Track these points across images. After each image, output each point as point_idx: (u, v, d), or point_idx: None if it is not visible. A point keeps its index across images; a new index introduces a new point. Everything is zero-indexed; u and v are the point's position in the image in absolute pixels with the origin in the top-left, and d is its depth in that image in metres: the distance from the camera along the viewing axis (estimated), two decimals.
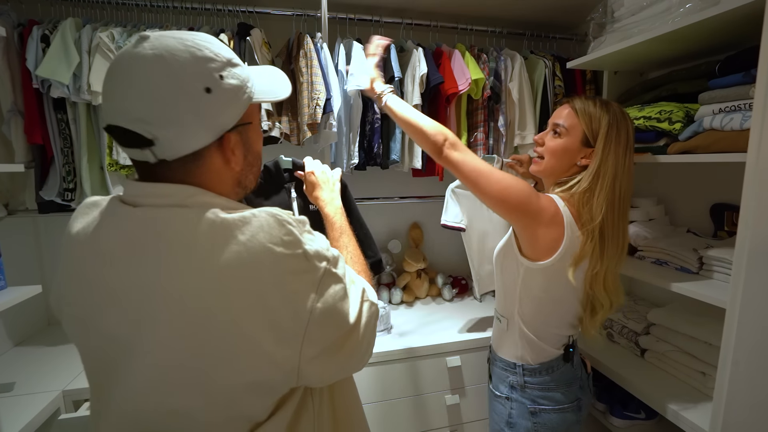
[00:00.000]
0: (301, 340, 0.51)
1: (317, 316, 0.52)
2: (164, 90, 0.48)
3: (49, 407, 1.09)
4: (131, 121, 0.48)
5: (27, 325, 1.51)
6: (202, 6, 1.43)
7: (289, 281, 0.50)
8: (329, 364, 0.55)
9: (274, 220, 0.51)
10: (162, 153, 0.50)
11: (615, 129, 0.92)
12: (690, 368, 1.14)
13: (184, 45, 0.50)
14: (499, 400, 1.05)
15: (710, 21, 0.94)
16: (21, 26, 1.26)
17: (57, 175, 1.30)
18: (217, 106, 0.52)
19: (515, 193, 0.88)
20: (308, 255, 0.52)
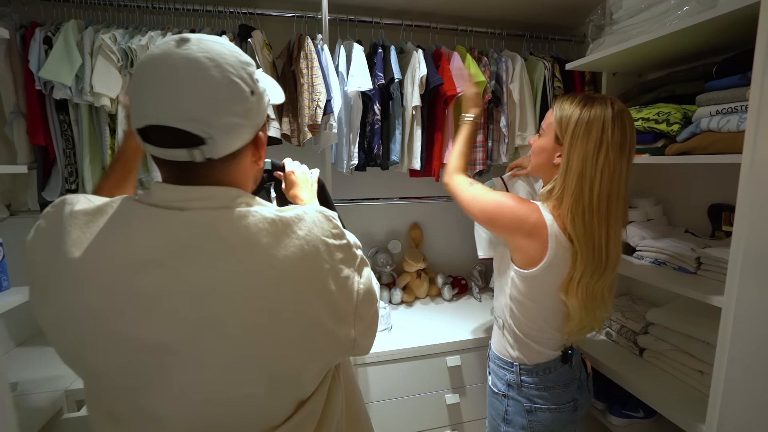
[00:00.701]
0: (353, 318, 0.59)
1: (362, 295, 0.60)
2: (221, 91, 0.50)
3: (52, 407, 1.10)
4: (187, 121, 0.49)
5: (30, 326, 1.51)
6: (204, 8, 1.43)
7: (341, 268, 0.58)
8: (371, 334, 0.64)
9: (323, 216, 0.58)
10: (211, 152, 0.51)
11: (584, 125, 0.86)
12: (688, 367, 1.15)
13: (227, 49, 0.52)
14: (497, 397, 1.06)
15: (707, 24, 0.95)
16: (23, 28, 1.27)
17: (59, 176, 1.31)
18: (258, 106, 0.56)
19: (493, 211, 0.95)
20: (351, 244, 0.61)
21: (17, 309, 1.10)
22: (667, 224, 1.44)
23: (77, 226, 0.51)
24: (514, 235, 0.93)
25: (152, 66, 0.50)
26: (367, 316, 0.62)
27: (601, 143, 0.86)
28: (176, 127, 0.48)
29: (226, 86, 0.50)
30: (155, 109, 0.49)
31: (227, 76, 0.50)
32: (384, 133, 1.55)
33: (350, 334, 0.59)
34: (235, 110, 0.52)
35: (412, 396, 1.45)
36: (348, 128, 1.50)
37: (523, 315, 0.98)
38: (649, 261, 1.26)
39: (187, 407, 0.51)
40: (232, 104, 0.51)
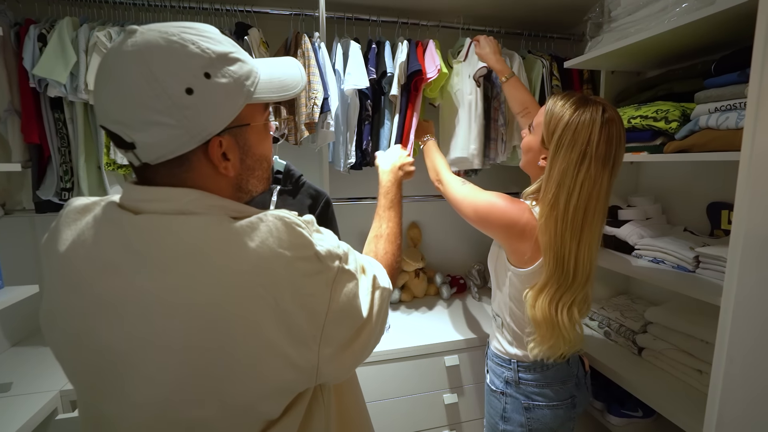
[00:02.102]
0: (319, 341, 0.51)
1: (333, 315, 0.51)
2: (140, 90, 0.45)
3: (47, 407, 1.09)
4: (112, 123, 0.47)
5: (25, 325, 1.50)
6: (200, 5, 1.43)
7: (303, 284, 0.49)
8: (345, 359, 0.54)
9: (282, 223, 0.50)
10: (143, 156, 0.48)
11: (570, 133, 0.84)
12: (687, 366, 1.14)
13: (166, 40, 0.46)
14: (495, 394, 1.07)
15: (706, 20, 0.94)
16: (18, 25, 1.26)
17: (54, 174, 1.30)
18: (201, 107, 0.48)
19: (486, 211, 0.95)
20: (320, 256, 0.51)
21: (12, 308, 1.09)
22: (666, 223, 1.44)
23: (67, 224, 0.52)
24: (507, 235, 0.94)
25: (99, 63, 0.49)
26: (339, 338, 0.53)
27: (584, 155, 0.83)
28: (107, 128, 0.48)
29: (147, 85, 0.45)
30: (96, 108, 0.50)
31: (150, 72, 0.45)
32: (374, 128, 1.55)
33: (311, 361, 0.50)
34: (159, 111, 0.46)
35: (410, 396, 1.44)
36: (345, 126, 1.49)
37: (523, 312, 0.98)
38: (648, 260, 1.25)
39: (139, 421, 0.49)
40: (154, 104, 0.46)
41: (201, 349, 0.46)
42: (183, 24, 0.49)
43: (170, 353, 0.46)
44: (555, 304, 0.89)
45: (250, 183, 0.58)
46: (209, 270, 0.46)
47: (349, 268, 0.55)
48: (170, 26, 0.48)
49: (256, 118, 0.56)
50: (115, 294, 0.47)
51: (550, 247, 0.87)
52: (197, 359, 0.46)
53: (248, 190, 0.59)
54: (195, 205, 0.50)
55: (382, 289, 0.61)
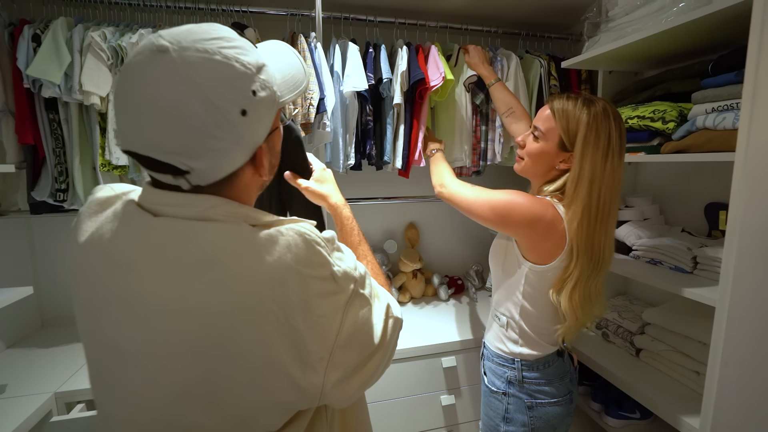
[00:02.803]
0: (326, 365, 0.50)
1: (343, 340, 0.51)
2: (201, 120, 0.44)
3: (41, 409, 1.08)
4: (165, 154, 0.44)
5: (20, 327, 1.49)
6: (196, 5, 1.42)
7: (316, 305, 0.49)
8: (351, 386, 0.53)
9: (302, 239, 0.49)
10: (197, 181, 0.47)
11: (594, 132, 0.88)
12: (684, 368, 1.14)
13: (210, 61, 0.44)
14: (496, 395, 1.05)
15: (703, 20, 0.94)
16: (12, 25, 1.25)
17: (49, 175, 1.29)
18: (254, 125, 0.49)
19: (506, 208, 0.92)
20: (336, 277, 0.51)
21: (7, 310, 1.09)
22: (663, 223, 1.43)
23: (88, 215, 0.52)
24: (530, 231, 0.92)
25: (127, 83, 0.44)
26: (347, 363, 0.52)
27: (608, 150, 0.89)
28: (154, 158, 0.45)
29: (207, 114, 0.44)
30: (131, 137, 0.45)
31: (208, 101, 0.43)
32: (376, 133, 1.54)
33: (316, 384, 0.49)
34: (221, 138, 0.45)
35: (407, 397, 1.44)
36: (344, 128, 1.49)
37: (537, 311, 0.99)
38: (646, 261, 1.24)
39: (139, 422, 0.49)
40: (216, 132, 0.45)
41: (206, 357, 0.46)
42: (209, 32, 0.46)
43: (175, 358, 0.46)
44: (589, 291, 0.93)
45: (267, 181, 0.59)
46: (223, 279, 0.46)
47: (364, 293, 0.55)
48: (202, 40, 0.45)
49: (277, 120, 0.57)
50: (125, 293, 0.47)
51: (584, 242, 0.89)
52: (202, 367, 0.46)
53: (264, 185, 0.60)
54: (215, 212, 0.49)
55: (395, 318, 0.61)
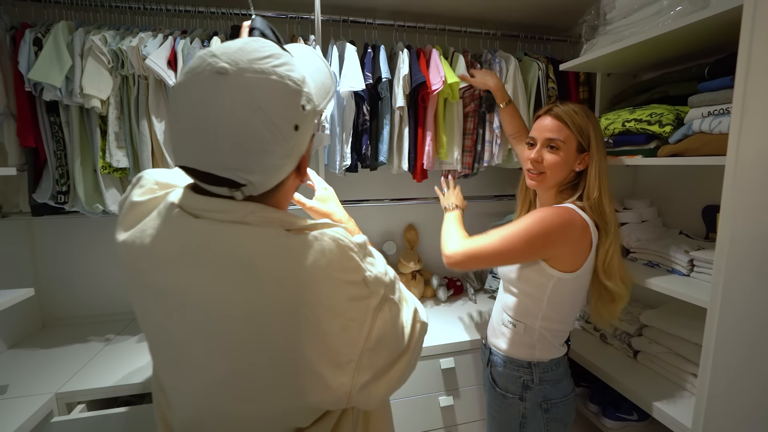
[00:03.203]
0: (355, 366, 0.51)
1: (372, 343, 0.52)
2: (261, 139, 0.47)
3: (42, 410, 1.09)
4: (226, 170, 0.48)
5: (21, 328, 1.51)
6: (196, 8, 1.43)
7: (347, 308, 0.51)
8: (380, 388, 0.55)
9: (336, 245, 0.51)
10: (250, 191, 0.51)
11: (598, 129, 1.00)
12: (681, 370, 1.14)
13: (270, 82, 0.47)
14: (510, 400, 1.05)
15: (700, 24, 0.94)
16: (14, 29, 1.26)
17: (50, 177, 1.30)
18: (303, 138, 0.52)
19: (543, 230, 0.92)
20: (368, 282, 0.52)
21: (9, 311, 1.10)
22: (662, 226, 1.43)
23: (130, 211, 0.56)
24: (567, 239, 0.94)
25: (188, 104, 0.47)
26: (376, 366, 0.53)
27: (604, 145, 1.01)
28: (215, 174, 0.48)
29: (268, 133, 0.47)
30: (193, 155, 0.48)
31: (269, 122, 0.47)
32: (372, 133, 1.55)
33: (345, 385, 0.51)
34: (278, 153, 0.49)
35: (405, 398, 1.44)
36: (341, 128, 1.49)
37: (561, 316, 1.01)
38: (643, 263, 1.25)
39: (187, 400, 0.54)
40: (275, 149, 0.48)
41: (242, 355, 0.49)
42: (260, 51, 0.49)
43: (213, 352, 0.50)
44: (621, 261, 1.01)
45: None
46: (258, 281, 0.48)
47: (393, 298, 0.57)
48: (256, 60, 0.48)
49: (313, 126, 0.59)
50: (168, 288, 0.51)
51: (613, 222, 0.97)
52: (238, 363, 0.49)
53: None
54: (252, 218, 0.51)
55: (422, 323, 0.62)
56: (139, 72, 1.28)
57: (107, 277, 1.67)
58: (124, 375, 1.23)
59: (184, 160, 0.49)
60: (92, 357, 1.35)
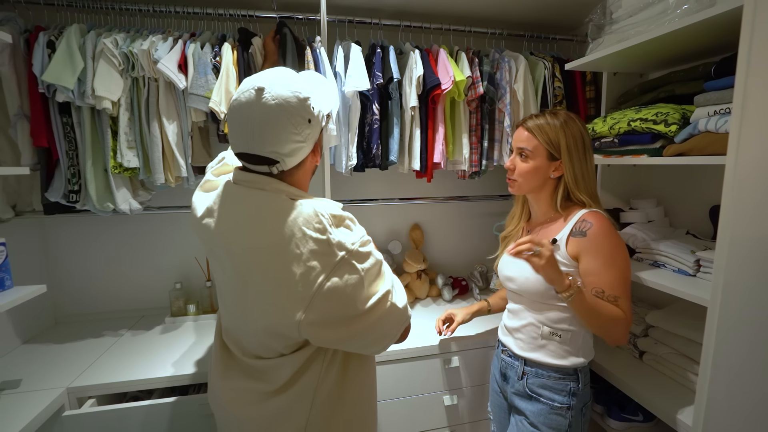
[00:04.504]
0: (307, 304, 0.69)
1: (324, 291, 0.69)
2: (287, 128, 0.71)
3: (54, 404, 1.12)
4: (266, 151, 0.72)
5: (34, 324, 1.54)
6: (204, 10, 1.45)
7: (309, 256, 0.69)
8: (327, 333, 0.72)
9: (313, 210, 0.71)
10: (283, 167, 0.75)
11: (571, 137, 1.03)
12: (687, 371, 1.13)
13: (291, 92, 0.71)
14: (559, 411, 1.05)
15: (706, 23, 0.94)
16: (28, 32, 1.29)
17: (62, 177, 1.33)
18: (315, 128, 0.76)
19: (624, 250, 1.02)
20: (330, 242, 0.70)
21: (22, 307, 1.12)
22: (668, 226, 1.42)
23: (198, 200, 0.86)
24: None
25: (241, 112, 0.71)
26: (324, 312, 0.70)
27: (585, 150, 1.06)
28: (261, 155, 0.72)
29: (290, 123, 0.71)
30: (246, 144, 0.72)
31: (291, 115, 0.71)
32: (383, 133, 1.55)
33: (296, 315, 0.69)
34: (298, 138, 0.73)
35: (409, 397, 1.45)
36: (346, 128, 1.51)
37: None
38: (649, 263, 1.24)
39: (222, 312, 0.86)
40: (296, 135, 0.72)
41: (242, 280, 0.74)
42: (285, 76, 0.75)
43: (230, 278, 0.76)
44: None
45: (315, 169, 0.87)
46: (258, 227, 0.72)
47: (354, 263, 0.71)
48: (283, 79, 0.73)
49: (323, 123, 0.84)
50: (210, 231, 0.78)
51: None
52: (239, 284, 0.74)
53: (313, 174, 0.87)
54: (269, 187, 0.75)
55: (393, 304, 0.76)
56: (150, 74, 1.30)
57: (117, 274, 1.71)
58: (133, 371, 1.25)
59: (240, 148, 0.74)
60: (102, 353, 1.38)
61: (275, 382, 0.77)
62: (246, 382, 0.80)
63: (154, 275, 1.73)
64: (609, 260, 0.98)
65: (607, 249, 0.99)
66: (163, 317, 1.65)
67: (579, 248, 1.01)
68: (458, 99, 1.57)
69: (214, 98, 1.30)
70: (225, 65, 1.34)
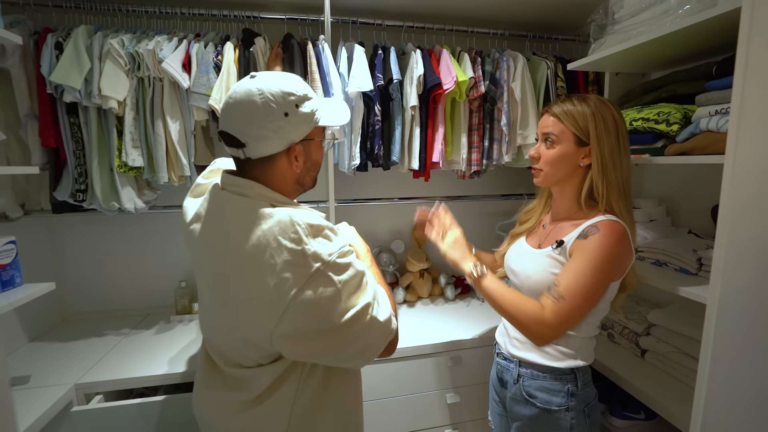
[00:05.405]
0: (280, 317, 0.67)
1: (298, 303, 0.67)
2: (259, 113, 0.71)
3: (62, 400, 1.13)
4: (234, 130, 0.72)
5: (42, 321, 1.56)
6: (209, 12, 1.46)
7: (283, 267, 0.66)
8: (302, 347, 0.70)
9: (290, 219, 0.69)
10: (249, 153, 0.73)
11: (602, 121, 0.94)
12: (689, 369, 1.14)
13: (279, 83, 0.72)
14: (557, 413, 1.00)
15: (708, 23, 0.94)
16: (37, 34, 1.31)
17: (69, 176, 1.35)
18: (291, 125, 0.74)
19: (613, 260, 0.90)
20: (305, 253, 0.67)
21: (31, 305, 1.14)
22: (670, 225, 1.43)
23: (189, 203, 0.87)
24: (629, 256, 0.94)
25: (232, 93, 0.73)
26: (297, 325, 0.67)
27: (618, 134, 0.95)
28: (229, 132, 0.72)
29: (265, 108, 0.70)
30: (222, 121, 0.74)
31: (268, 101, 0.70)
32: (384, 133, 1.57)
33: (268, 327, 0.67)
34: (267, 126, 0.71)
35: (412, 395, 1.46)
36: (350, 129, 1.52)
37: (597, 319, 1.01)
38: (651, 262, 1.25)
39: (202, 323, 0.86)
40: (266, 121, 0.71)
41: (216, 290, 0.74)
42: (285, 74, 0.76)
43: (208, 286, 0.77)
44: None
45: (305, 179, 0.83)
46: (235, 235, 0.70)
47: (330, 275, 0.68)
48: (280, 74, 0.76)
49: (317, 135, 0.82)
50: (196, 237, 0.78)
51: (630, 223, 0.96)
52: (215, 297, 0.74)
53: (303, 184, 0.84)
54: (252, 191, 0.74)
55: (374, 319, 0.73)
56: (155, 74, 1.32)
57: (123, 272, 1.73)
58: (140, 368, 1.27)
59: (220, 125, 0.74)
60: (109, 350, 1.39)
61: (253, 391, 0.76)
62: (226, 392, 0.79)
63: (159, 274, 1.75)
64: (588, 266, 0.89)
65: (595, 257, 0.89)
66: (169, 315, 1.66)
67: (575, 248, 0.93)
68: (459, 99, 1.57)
69: (214, 96, 1.31)
70: (226, 63, 1.35)
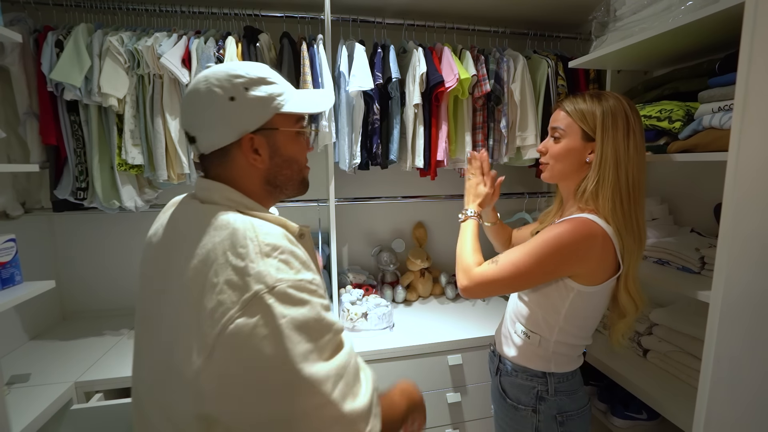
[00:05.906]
0: (208, 350, 0.50)
1: (227, 334, 0.50)
2: (202, 101, 0.62)
3: (62, 398, 1.14)
4: (186, 125, 0.66)
5: (42, 319, 1.57)
6: (209, 10, 1.46)
7: (221, 288, 0.52)
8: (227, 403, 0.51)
9: (243, 230, 0.56)
10: (201, 148, 0.65)
11: (610, 116, 0.89)
12: (692, 369, 1.13)
13: (224, 68, 0.63)
14: (523, 412, 0.99)
15: (710, 19, 0.93)
16: (37, 32, 1.31)
17: (70, 174, 1.35)
18: (239, 111, 0.63)
19: (557, 247, 0.86)
20: (246, 272, 0.52)
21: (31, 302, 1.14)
22: (673, 223, 1.42)
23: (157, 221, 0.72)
24: (586, 260, 0.87)
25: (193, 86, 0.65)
26: (227, 365, 0.50)
27: (628, 130, 0.89)
28: (184, 128, 0.67)
29: (206, 95, 0.62)
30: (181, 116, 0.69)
31: (208, 87, 0.62)
32: (383, 132, 1.56)
33: (194, 363, 0.50)
34: (210, 113, 0.62)
35: None
36: (350, 128, 1.51)
37: (578, 329, 0.95)
38: (653, 260, 1.24)
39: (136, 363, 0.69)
40: (207, 108, 0.62)
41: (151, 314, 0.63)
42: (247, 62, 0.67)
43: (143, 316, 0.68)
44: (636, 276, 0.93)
45: (278, 179, 0.69)
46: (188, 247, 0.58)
47: (273, 304, 0.51)
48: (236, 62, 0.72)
49: (285, 125, 0.68)
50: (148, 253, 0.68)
51: (623, 227, 0.88)
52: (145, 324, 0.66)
53: (278, 186, 0.69)
54: (218, 197, 0.64)
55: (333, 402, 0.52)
56: (154, 71, 1.32)
57: (124, 271, 1.73)
58: None
59: None
60: (109, 349, 1.39)
61: None
62: None
63: None
64: (530, 246, 0.87)
65: (539, 241, 0.87)
66: None
67: None
68: (462, 97, 1.57)
69: None
70: (229, 57, 1.34)
